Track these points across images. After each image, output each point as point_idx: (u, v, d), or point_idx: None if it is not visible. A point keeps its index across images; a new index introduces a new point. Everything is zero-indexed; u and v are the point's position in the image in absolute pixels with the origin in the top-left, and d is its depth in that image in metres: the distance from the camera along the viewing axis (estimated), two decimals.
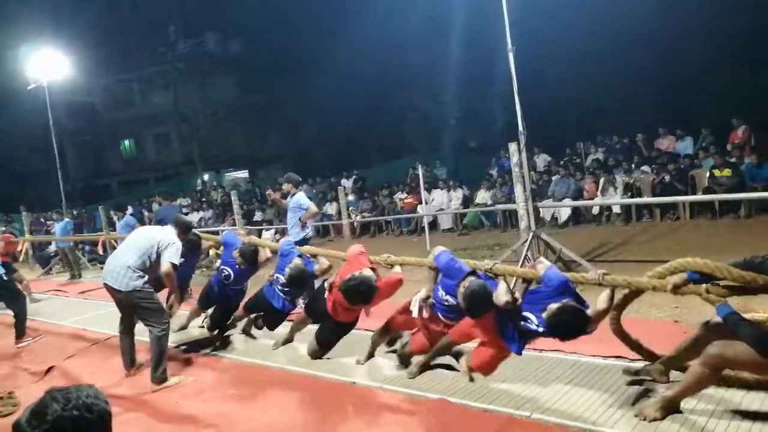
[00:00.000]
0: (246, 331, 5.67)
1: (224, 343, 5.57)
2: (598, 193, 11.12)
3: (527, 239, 6.81)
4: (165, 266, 4.56)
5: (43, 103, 14.38)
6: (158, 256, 4.61)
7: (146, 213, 16.96)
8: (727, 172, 9.83)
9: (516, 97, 6.89)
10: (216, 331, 5.72)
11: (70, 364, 5.48)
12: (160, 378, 4.54)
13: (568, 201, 11.10)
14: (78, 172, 30.10)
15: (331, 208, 14.89)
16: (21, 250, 12.02)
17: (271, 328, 5.37)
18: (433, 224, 13.12)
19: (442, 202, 13.57)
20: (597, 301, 3.32)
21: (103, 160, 31.85)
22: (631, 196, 10.79)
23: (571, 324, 3.16)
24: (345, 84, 22.63)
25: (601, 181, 11.21)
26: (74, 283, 11.23)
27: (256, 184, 21.08)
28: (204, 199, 19.18)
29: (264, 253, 5.54)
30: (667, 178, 10.61)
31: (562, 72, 17.77)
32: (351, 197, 15.26)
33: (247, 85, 28.16)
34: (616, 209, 11.15)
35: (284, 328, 5.36)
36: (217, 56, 28.74)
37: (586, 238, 9.55)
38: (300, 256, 5.07)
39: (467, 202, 13.36)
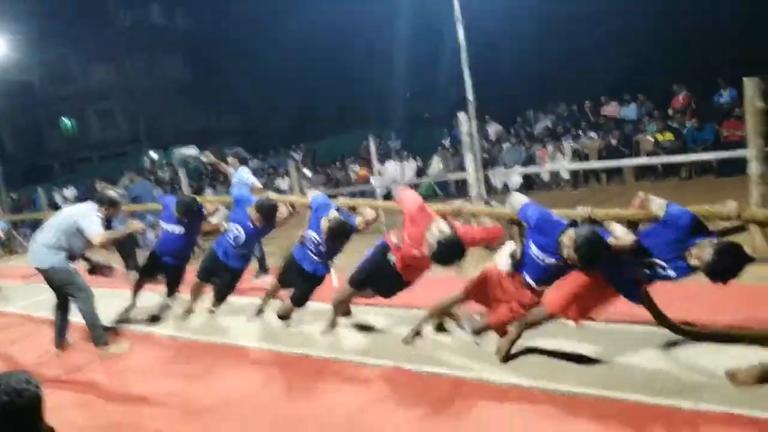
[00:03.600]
0: (283, 317, 4.80)
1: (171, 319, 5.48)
2: (548, 159, 11.33)
3: None
4: (94, 239, 4.72)
5: None
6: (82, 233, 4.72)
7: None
8: (669, 136, 10.16)
9: (465, 67, 6.93)
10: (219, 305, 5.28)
11: (14, 350, 5.31)
12: (99, 341, 4.76)
13: (518, 168, 11.28)
14: (17, 152, 28.78)
15: (283, 183, 14.70)
16: None
17: (300, 302, 4.64)
18: (388, 196, 13.13)
19: (395, 173, 13.58)
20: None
21: (43, 140, 30.52)
22: (579, 162, 11.04)
23: (735, 265, 2.80)
24: (297, 57, 22.23)
25: (550, 148, 11.41)
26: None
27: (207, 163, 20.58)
28: (152, 178, 18.64)
29: (283, 211, 5.02)
30: (613, 142, 10.90)
31: (512, 42, 17.86)
32: (308, 172, 15.10)
33: (195, 59, 27.32)
34: (565, 175, 11.41)
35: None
36: (163, 29, 27.69)
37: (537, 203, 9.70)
38: (337, 209, 4.52)
39: (420, 172, 13.41)
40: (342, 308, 4.57)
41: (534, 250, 3.41)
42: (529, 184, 11.83)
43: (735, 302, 3.87)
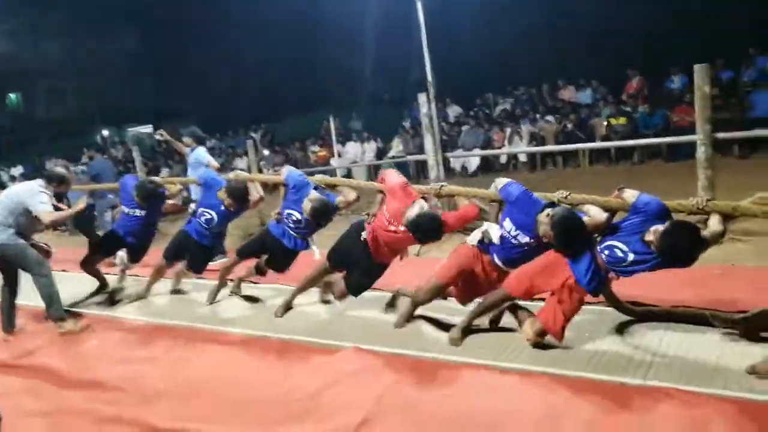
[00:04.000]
0: (235, 292, 5.13)
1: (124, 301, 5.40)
2: (506, 142, 11.48)
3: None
4: (42, 217, 4.60)
5: None
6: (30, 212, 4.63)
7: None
8: (622, 120, 10.43)
9: (425, 48, 6.92)
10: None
11: None
12: (55, 316, 4.71)
13: (477, 151, 11.40)
14: None
15: (242, 163, 14.49)
16: None
17: (282, 270, 4.78)
18: (348, 177, 13.11)
19: (355, 154, 13.56)
20: (709, 224, 3.05)
21: None
22: (536, 145, 11.23)
23: (688, 245, 2.86)
24: (258, 35, 21.70)
25: (508, 131, 11.57)
26: None
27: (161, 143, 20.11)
28: (105, 156, 18.10)
29: (255, 192, 4.93)
30: (569, 126, 11.11)
31: (473, 25, 17.89)
32: (266, 152, 14.92)
33: (152, 36, 26.32)
34: (523, 158, 11.60)
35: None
36: (118, 3, 26.59)
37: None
38: (316, 187, 4.46)
39: (381, 154, 13.42)
40: (310, 286, 4.56)
41: (508, 226, 3.49)
42: (486, 167, 11.98)
43: (681, 283, 4.02)
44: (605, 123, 10.69)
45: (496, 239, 3.57)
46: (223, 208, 4.83)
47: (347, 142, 13.93)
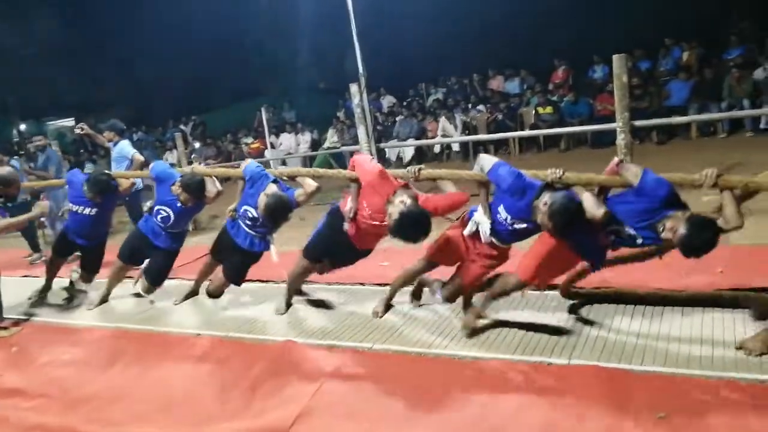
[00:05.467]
0: (214, 295, 4.55)
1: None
2: (439, 132, 11.63)
3: None
4: None
5: None
6: None
7: None
8: (549, 109, 10.77)
9: (355, 39, 6.90)
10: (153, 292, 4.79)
11: None
12: None
13: (411, 141, 11.50)
14: None
15: (172, 156, 14.04)
16: None
17: (235, 279, 4.38)
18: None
19: (290, 146, 13.40)
20: (726, 217, 2.83)
21: None
22: (468, 134, 11.44)
23: (710, 247, 2.74)
24: (186, 23, 20.93)
25: (442, 120, 11.72)
26: None
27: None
28: (22, 152, 17.09)
29: (212, 186, 4.43)
30: (500, 116, 11.38)
31: (404, 15, 17.95)
32: (197, 144, 14.51)
33: (71, 21, 24.92)
34: (456, 147, 11.79)
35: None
36: None
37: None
38: (275, 181, 4.03)
39: (316, 145, 13.31)
40: (298, 283, 4.33)
41: (502, 214, 3.26)
42: (420, 156, 12.11)
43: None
44: (533, 112, 11.01)
45: (488, 232, 3.35)
46: (179, 204, 4.41)
47: (281, 134, 13.73)
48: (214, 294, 4.50)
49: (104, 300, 5.01)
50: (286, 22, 20.61)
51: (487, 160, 3.34)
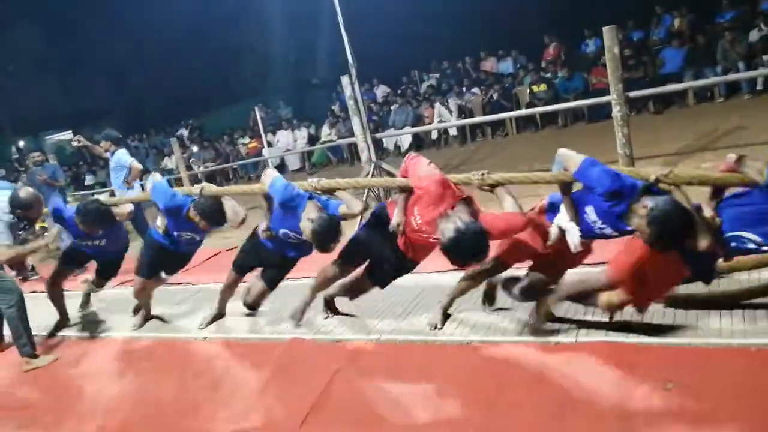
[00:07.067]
0: (254, 306, 4.22)
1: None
2: (435, 118, 11.58)
3: (369, 171, 6.95)
4: None
5: None
6: None
7: None
8: (543, 87, 10.70)
9: (343, 30, 6.85)
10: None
11: None
12: (24, 352, 4.18)
13: (407, 129, 11.45)
14: None
15: (170, 162, 14.06)
16: None
17: (275, 286, 4.08)
18: (281, 166, 12.95)
19: (287, 142, 13.38)
20: None
21: None
22: (465, 118, 11.38)
23: None
24: (175, 27, 20.86)
25: (437, 106, 11.67)
26: None
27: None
28: (22, 169, 17.15)
29: (233, 213, 3.94)
30: (495, 97, 11.32)
31: (392, 3, 17.86)
32: (195, 148, 14.52)
33: (57, 31, 24.80)
34: (453, 131, 11.75)
35: None
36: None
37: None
38: (311, 197, 3.55)
39: (313, 140, 13.29)
40: (323, 288, 3.86)
41: (591, 216, 2.83)
42: (418, 143, 12.08)
43: None
44: (528, 91, 10.94)
45: (578, 241, 2.90)
46: (199, 229, 4.06)
47: (277, 131, 13.72)
48: (255, 305, 4.20)
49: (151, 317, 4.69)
50: (273, 21, 20.52)
51: (571, 158, 2.84)
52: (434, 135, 12.02)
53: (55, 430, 3.34)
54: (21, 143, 24.10)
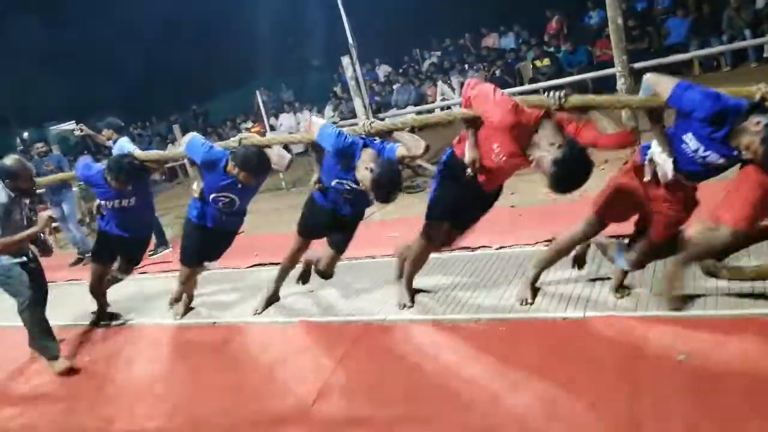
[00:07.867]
0: (328, 273, 3.86)
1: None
2: (438, 96, 11.48)
3: None
4: None
5: None
6: None
7: None
8: (546, 61, 10.56)
9: (342, 10, 6.80)
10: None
11: None
12: (46, 355, 3.88)
13: (410, 108, 11.36)
14: None
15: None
16: None
17: (344, 248, 3.76)
18: (285, 150, 12.88)
19: (290, 125, 13.32)
20: None
21: None
22: None
23: None
24: (173, 13, 20.72)
25: (439, 84, 11.56)
26: None
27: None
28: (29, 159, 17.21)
29: (277, 156, 3.65)
30: (498, 73, 11.19)
31: None
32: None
33: (57, 22, 24.70)
34: (456, 109, 11.63)
35: None
36: None
37: (432, 141, 9.81)
38: (365, 144, 3.24)
39: None
40: (421, 264, 3.55)
41: (691, 144, 2.56)
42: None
43: None
44: (531, 66, 10.81)
45: (670, 174, 2.66)
46: (240, 186, 3.65)
47: (280, 114, 13.66)
48: (329, 273, 3.84)
49: (179, 299, 4.45)
50: (271, 2, 20.33)
51: (662, 83, 2.59)
52: (438, 113, 11.92)
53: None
54: (25, 134, 24.13)
